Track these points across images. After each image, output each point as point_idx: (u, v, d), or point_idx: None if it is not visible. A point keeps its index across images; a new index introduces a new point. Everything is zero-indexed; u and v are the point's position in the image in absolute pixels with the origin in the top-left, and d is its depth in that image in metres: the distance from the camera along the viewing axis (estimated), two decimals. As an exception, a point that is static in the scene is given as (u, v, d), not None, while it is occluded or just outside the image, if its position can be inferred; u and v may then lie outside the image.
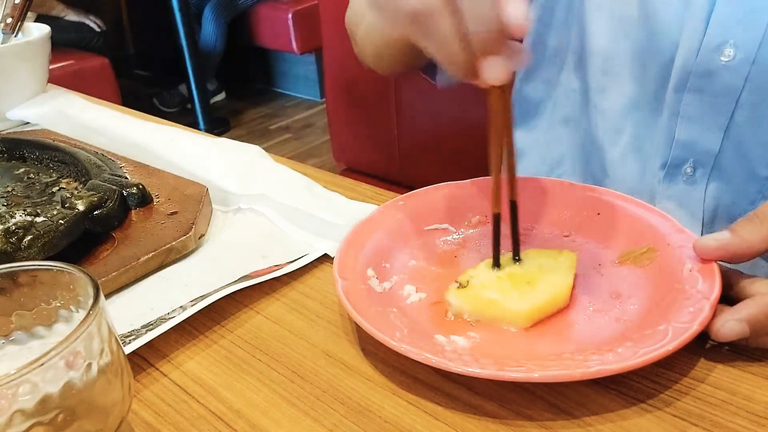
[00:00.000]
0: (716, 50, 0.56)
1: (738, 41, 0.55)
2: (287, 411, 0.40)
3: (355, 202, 0.61)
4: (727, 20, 0.55)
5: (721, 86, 0.57)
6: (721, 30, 0.56)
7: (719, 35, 0.56)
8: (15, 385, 0.27)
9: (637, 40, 0.62)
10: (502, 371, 0.37)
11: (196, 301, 0.47)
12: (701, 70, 0.57)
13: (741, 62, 0.55)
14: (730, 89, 0.56)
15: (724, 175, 0.60)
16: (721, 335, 0.39)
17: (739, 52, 0.55)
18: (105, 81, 2.70)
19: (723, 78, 0.56)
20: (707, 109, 0.58)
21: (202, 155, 0.73)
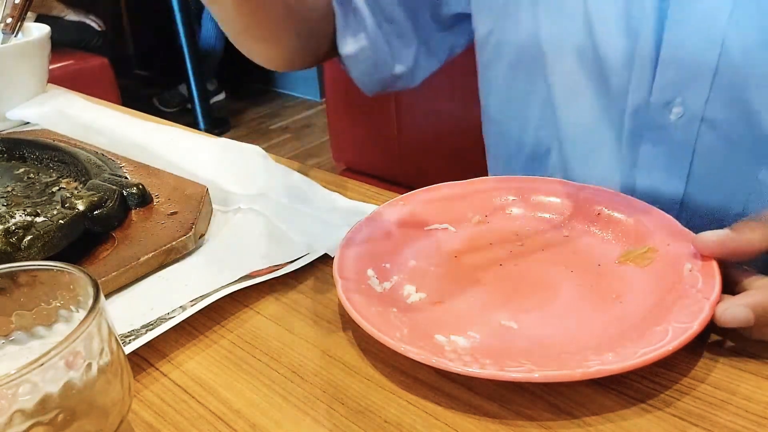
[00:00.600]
0: (665, 107, 0.57)
1: (685, 100, 0.56)
2: (287, 411, 0.40)
3: (355, 202, 0.61)
4: (672, 80, 0.56)
5: (675, 140, 0.57)
6: (665, 90, 0.56)
7: (665, 94, 0.56)
8: (15, 385, 0.27)
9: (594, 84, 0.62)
10: (502, 371, 0.37)
11: (196, 301, 0.47)
12: (653, 123, 0.58)
13: (690, 120, 0.56)
14: (684, 143, 0.57)
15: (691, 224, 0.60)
16: (725, 319, 0.39)
17: (688, 110, 0.56)
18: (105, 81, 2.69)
19: (675, 133, 0.57)
20: (665, 160, 0.59)
21: (202, 155, 0.73)
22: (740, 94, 0.53)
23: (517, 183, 0.58)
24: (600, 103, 0.63)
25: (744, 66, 0.52)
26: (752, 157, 0.55)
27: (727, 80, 0.53)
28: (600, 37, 0.60)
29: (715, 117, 0.55)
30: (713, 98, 0.54)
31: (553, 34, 0.64)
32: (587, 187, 0.55)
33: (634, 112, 0.59)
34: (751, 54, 0.51)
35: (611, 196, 0.53)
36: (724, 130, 0.55)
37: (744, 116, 0.53)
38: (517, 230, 0.54)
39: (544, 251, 0.51)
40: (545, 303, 0.46)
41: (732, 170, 0.56)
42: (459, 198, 0.57)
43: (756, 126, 0.53)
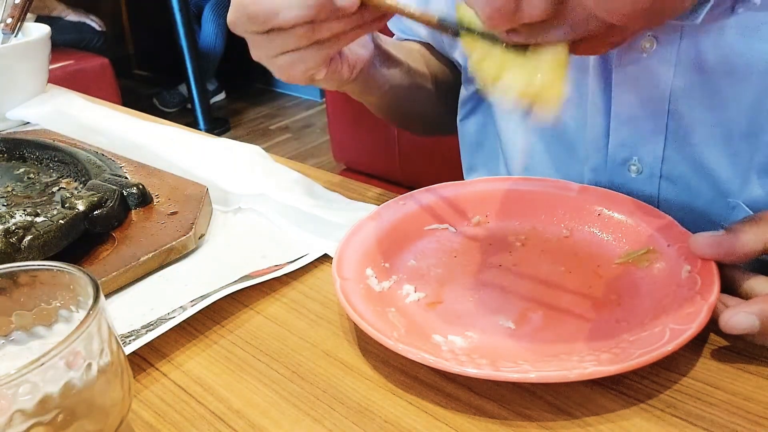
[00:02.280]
0: (623, 165, 0.57)
1: (641, 158, 0.56)
2: (287, 411, 0.40)
3: (355, 202, 0.61)
4: (625, 141, 0.56)
5: (638, 195, 0.57)
6: (621, 149, 0.57)
7: (621, 153, 0.57)
8: (15, 385, 0.27)
9: (550, 144, 0.63)
10: (499, 371, 0.37)
11: (196, 301, 0.47)
12: (613, 181, 0.58)
13: (649, 177, 0.56)
14: (647, 198, 0.57)
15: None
16: (730, 326, 0.38)
17: (646, 168, 0.56)
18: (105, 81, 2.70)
19: (637, 188, 0.57)
20: None
21: (202, 155, 0.73)
22: (694, 154, 0.53)
23: (517, 183, 0.57)
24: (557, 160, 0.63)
25: (693, 123, 0.52)
26: (714, 210, 0.55)
27: (680, 141, 0.53)
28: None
29: (673, 173, 0.55)
30: (668, 156, 0.54)
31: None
32: (588, 188, 0.55)
33: (593, 169, 0.59)
34: (697, 111, 0.51)
35: (612, 197, 0.53)
36: (684, 185, 0.55)
37: (700, 172, 0.54)
38: (517, 231, 0.54)
39: (544, 252, 0.51)
40: (544, 303, 0.46)
41: (696, 223, 0.56)
42: (459, 198, 0.57)
43: (713, 181, 0.53)
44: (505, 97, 0.42)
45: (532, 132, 0.64)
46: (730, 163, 0.52)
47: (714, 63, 0.49)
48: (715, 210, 0.54)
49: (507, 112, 0.65)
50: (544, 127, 0.62)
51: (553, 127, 0.61)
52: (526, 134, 0.64)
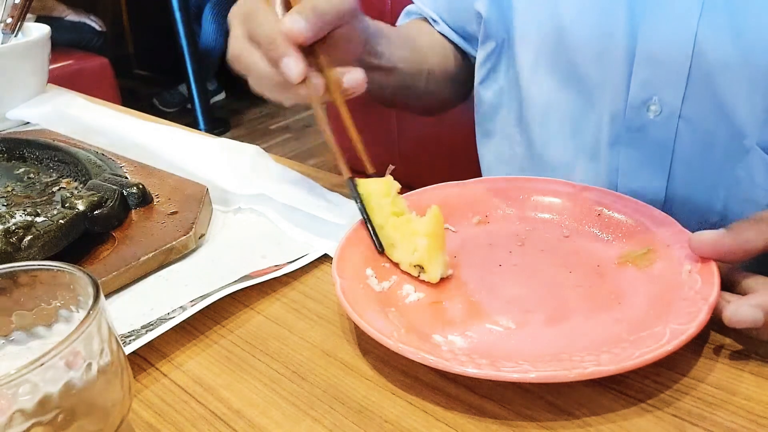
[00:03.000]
0: (643, 106, 0.57)
1: (662, 98, 0.56)
2: (287, 411, 0.40)
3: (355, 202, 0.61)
4: (648, 79, 0.56)
5: (654, 140, 0.58)
6: (643, 88, 0.57)
7: (642, 93, 0.57)
8: (15, 385, 0.27)
9: (570, 95, 0.63)
10: (499, 371, 0.37)
11: (196, 301, 0.47)
12: (631, 125, 0.59)
13: (668, 117, 0.56)
14: (663, 142, 0.57)
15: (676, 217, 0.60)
16: (735, 320, 0.38)
17: (665, 108, 0.56)
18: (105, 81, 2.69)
19: (654, 132, 0.58)
20: (645, 162, 0.59)
21: (202, 155, 0.73)
22: (714, 91, 0.54)
23: (517, 183, 0.57)
24: (576, 111, 0.63)
25: (716, 63, 0.53)
26: (729, 153, 0.55)
27: (702, 78, 0.54)
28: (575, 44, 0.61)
29: (692, 114, 0.55)
30: (689, 95, 0.55)
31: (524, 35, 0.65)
32: (588, 188, 0.55)
33: (612, 116, 0.60)
34: (722, 51, 0.52)
35: (612, 197, 0.53)
36: (701, 126, 0.55)
37: (719, 112, 0.54)
38: (517, 230, 0.54)
39: (544, 252, 0.51)
40: (544, 303, 0.46)
41: (711, 167, 0.57)
42: (459, 198, 0.57)
43: (731, 122, 0.54)
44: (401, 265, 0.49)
45: (554, 84, 0.64)
46: (751, 104, 0.52)
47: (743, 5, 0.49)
48: (730, 153, 0.55)
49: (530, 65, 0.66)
50: (567, 78, 0.63)
51: (576, 77, 0.62)
52: (548, 87, 0.65)
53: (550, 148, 0.67)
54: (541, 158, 0.68)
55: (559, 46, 0.62)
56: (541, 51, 0.64)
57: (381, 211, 0.50)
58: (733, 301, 0.39)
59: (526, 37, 0.65)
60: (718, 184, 0.57)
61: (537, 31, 0.64)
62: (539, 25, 0.63)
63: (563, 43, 0.62)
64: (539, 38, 0.64)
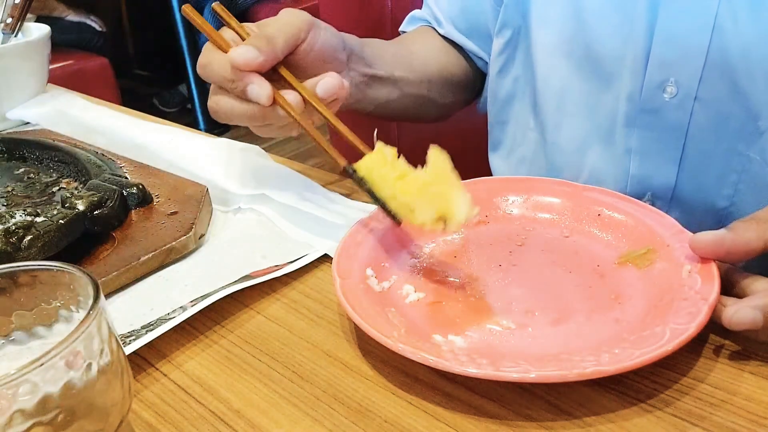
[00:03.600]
0: (659, 88, 0.58)
1: (678, 79, 0.57)
2: (287, 411, 0.40)
3: (355, 202, 0.61)
4: (665, 60, 0.57)
5: (668, 122, 0.58)
6: (660, 69, 0.57)
7: (659, 74, 0.57)
8: (15, 385, 0.27)
9: (586, 78, 0.64)
10: (499, 371, 0.37)
11: (196, 302, 0.47)
12: (647, 107, 0.59)
13: (684, 99, 0.57)
14: (677, 125, 0.58)
15: (684, 207, 0.61)
16: (735, 322, 0.38)
17: (681, 90, 0.57)
18: (105, 81, 2.69)
19: (668, 114, 0.58)
20: (658, 144, 0.60)
21: (202, 155, 0.73)
22: (731, 73, 0.54)
23: (517, 183, 0.57)
24: (591, 94, 0.63)
25: (734, 46, 0.53)
26: (742, 136, 0.56)
27: (719, 59, 0.54)
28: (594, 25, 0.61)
29: (708, 96, 0.56)
30: (705, 77, 0.55)
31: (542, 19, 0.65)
32: (588, 188, 0.55)
33: (628, 97, 0.60)
34: (741, 34, 0.52)
35: (612, 198, 0.53)
36: (716, 109, 0.56)
37: (734, 95, 0.55)
38: (517, 230, 0.54)
39: (544, 252, 0.51)
40: (544, 303, 0.46)
41: (723, 150, 0.57)
42: (459, 198, 0.56)
43: (745, 105, 0.54)
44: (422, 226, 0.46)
45: (570, 68, 0.65)
46: (766, 85, 0.53)
47: None
48: (744, 135, 0.55)
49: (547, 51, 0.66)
50: (583, 61, 0.63)
51: (592, 60, 0.62)
52: (564, 71, 0.65)
53: (563, 132, 0.67)
54: (554, 144, 0.68)
55: (578, 27, 0.62)
56: (559, 34, 0.64)
57: (386, 182, 0.48)
58: (732, 303, 0.39)
59: (545, 21, 0.66)
60: (729, 168, 0.57)
61: (556, 14, 0.64)
62: (559, 8, 0.64)
63: (582, 25, 0.62)
64: (558, 21, 0.64)
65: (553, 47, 0.65)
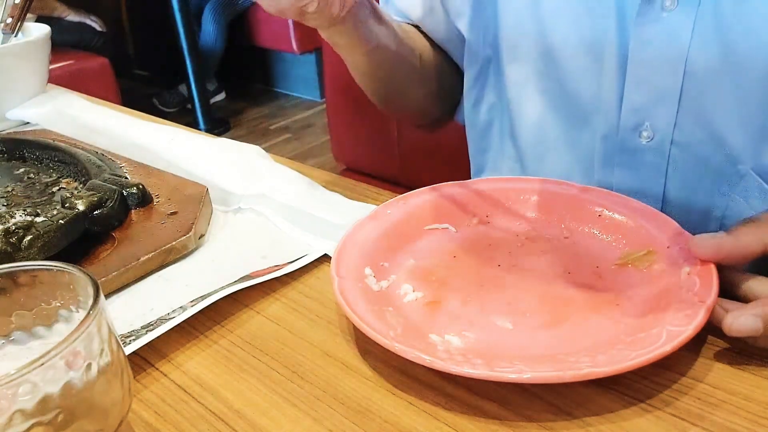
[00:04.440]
0: (634, 131, 0.57)
1: (654, 123, 0.56)
2: (287, 411, 0.40)
3: (355, 202, 0.61)
4: (639, 105, 0.56)
5: (647, 163, 0.57)
6: (634, 113, 0.57)
7: (634, 118, 0.57)
8: (15, 385, 0.27)
9: (562, 114, 0.63)
10: (494, 371, 0.37)
11: (196, 302, 0.47)
12: (624, 147, 0.58)
13: (660, 143, 0.56)
14: (656, 166, 0.57)
15: None
16: (735, 329, 0.38)
17: (657, 134, 0.56)
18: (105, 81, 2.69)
19: (646, 156, 0.57)
20: (639, 183, 0.59)
21: (202, 155, 0.73)
22: (706, 116, 0.53)
23: (518, 183, 0.58)
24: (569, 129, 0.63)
25: (708, 86, 0.52)
26: (724, 178, 0.55)
27: (693, 102, 0.53)
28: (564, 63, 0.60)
29: (684, 140, 0.55)
30: (681, 121, 0.54)
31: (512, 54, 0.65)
32: (589, 189, 0.55)
33: (604, 137, 0.59)
34: (713, 74, 0.51)
35: (613, 198, 0.53)
36: (694, 151, 0.55)
37: (712, 138, 0.54)
38: (517, 231, 0.54)
39: (544, 252, 0.51)
40: (542, 304, 0.46)
41: (705, 190, 0.56)
42: (459, 198, 0.57)
43: (724, 147, 0.53)
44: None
45: (545, 103, 0.64)
46: (743, 130, 0.52)
47: (733, 24, 0.49)
48: (725, 178, 0.55)
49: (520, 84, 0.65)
50: (557, 97, 0.62)
51: (566, 97, 0.62)
52: (539, 106, 0.64)
53: (545, 164, 0.67)
54: (536, 174, 0.68)
55: (550, 65, 0.62)
56: (531, 69, 0.63)
57: None
58: (732, 310, 0.39)
59: (515, 56, 0.65)
60: (713, 207, 0.57)
61: (527, 49, 0.63)
62: (527, 46, 0.63)
63: (554, 63, 0.61)
64: (529, 56, 0.63)
65: (526, 81, 0.64)
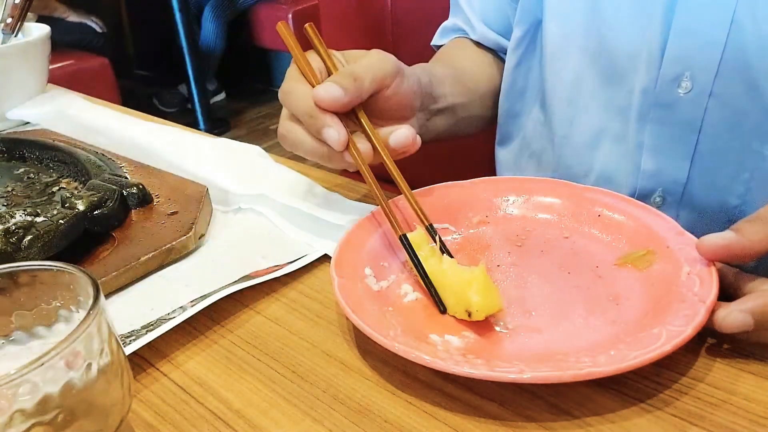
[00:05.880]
0: (674, 82, 0.57)
1: (694, 74, 0.56)
2: (287, 411, 0.40)
3: (355, 202, 0.61)
4: (682, 54, 0.56)
5: (682, 117, 0.58)
6: (676, 63, 0.57)
7: (675, 68, 0.57)
8: (15, 385, 0.27)
9: (600, 71, 0.63)
10: (493, 371, 0.37)
11: (196, 302, 0.47)
12: (661, 101, 0.58)
13: (699, 94, 0.56)
14: (691, 120, 0.57)
15: (695, 204, 0.60)
16: (725, 325, 0.38)
17: (696, 85, 0.56)
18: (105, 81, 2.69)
19: (683, 109, 0.57)
20: (671, 140, 0.59)
21: (202, 155, 0.73)
22: (748, 70, 0.53)
23: (518, 183, 0.57)
24: (604, 88, 0.63)
25: (752, 43, 0.52)
26: (757, 134, 0.55)
27: (736, 56, 0.53)
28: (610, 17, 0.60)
29: (723, 92, 0.55)
30: (722, 73, 0.55)
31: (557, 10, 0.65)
32: (589, 189, 0.55)
33: (642, 90, 0.59)
34: (759, 31, 0.52)
35: (613, 198, 0.53)
36: (731, 105, 0.55)
37: (750, 92, 0.54)
38: (517, 231, 0.54)
39: (544, 252, 0.51)
40: (542, 304, 0.46)
41: (737, 147, 0.57)
42: (459, 198, 0.57)
43: (761, 102, 0.54)
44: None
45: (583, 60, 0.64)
46: None
47: None
48: (759, 132, 0.55)
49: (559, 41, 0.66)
50: (596, 54, 0.63)
51: (605, 53, 0.62)
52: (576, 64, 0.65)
53: (574, 126, 0.67)
54: (564, 138, 0.68)
55: (593, 19, 0.62)
56: (573, 26, 0.64)
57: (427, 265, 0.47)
58: (722, 307, 0.39)
59: (560, 13, 0.65)
60: (742, 166, 0.57)
61: (571, 5, 0.63)
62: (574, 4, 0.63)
63: (597, 17, 0.62)
64: (573, 12, 0.63)
65: (567, 39, 0.65)
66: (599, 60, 0.63)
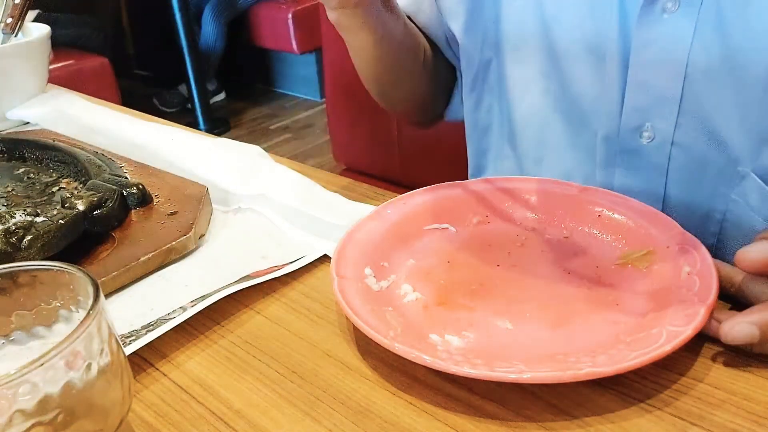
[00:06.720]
0: (635, 131, 0.57)
1: (654, 125, 0.56)
2: (287, 411, 0.40)
3: (355, 202, 0.61)
4: (640, 105, 0.56)
5: (648, 163, 0.58)
6: (635, 115, 0.57)
7: (635, 119, 0.57)
8: (15, 385, 0.27)
9: (564, 114, 0.63)
10: (493, 371, 0.37)
11: (196, 302, 0.47)
12: (625, 148, 0.58)
13: (661, 143, 0.56)
14: (657, 166, 0.57)
15: None
16: (731, 337, 0.38)
17: (658, 134, 0.56)
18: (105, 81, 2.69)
19: (648, 156, 0.57)
20: (640, 183, 0.59)
21: (202, 155, 0.73)
22: (707, 118, 0.53)
23: (518, 183, 0.58)
24: (571, 130, 0.63)
25: (708, 88, 0.52)
26: (724, 179, 0.55)
27: (694, 103, 0.53)
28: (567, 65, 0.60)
29: (685, 140, 0.55)
30: (681, 123, 0.55)
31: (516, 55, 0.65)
32: (589, 189, 0.55)
33: (605, 138, 0.60)
34: (714, 76, 0.52)
35: (612, 198, 0.53)
36: (695, 152, 0.55)
37: (712, 139, 0.54)
38: (517, 231, 0.54)
39: (544, 252, 0.51)
40: (542, 304, 0.46)
41: (705, 192, 0.56)
42: (459, 198, 0.57)
43: (724, 148, 0.53)
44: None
45: (547, 104, 0.64)
46: (744, 131, 0.52)
47: (735, 27, 0.49)
48: (725, 178, 0.55)
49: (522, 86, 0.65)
50: (559, 98, 0.63)
51: (569, 98, 0.62)
52: (541, 107, 0.65)
53: (544, 165, 0.67)
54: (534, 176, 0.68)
55: (553, 66, 0.62)
56: (535, 70, 0.64)
57: None
58: (728, 318, 0.39)
59: (519, 58, 0.65)
60: (713, 208, 0.57)
61: (529, 53, 0.63)
62: (531, 47, 0.63)
63: (556, 65, 0.61)
64: (533, 57, 0.63)
65: (529, 83, 0.65)
66: (562, 103, 0.63)
